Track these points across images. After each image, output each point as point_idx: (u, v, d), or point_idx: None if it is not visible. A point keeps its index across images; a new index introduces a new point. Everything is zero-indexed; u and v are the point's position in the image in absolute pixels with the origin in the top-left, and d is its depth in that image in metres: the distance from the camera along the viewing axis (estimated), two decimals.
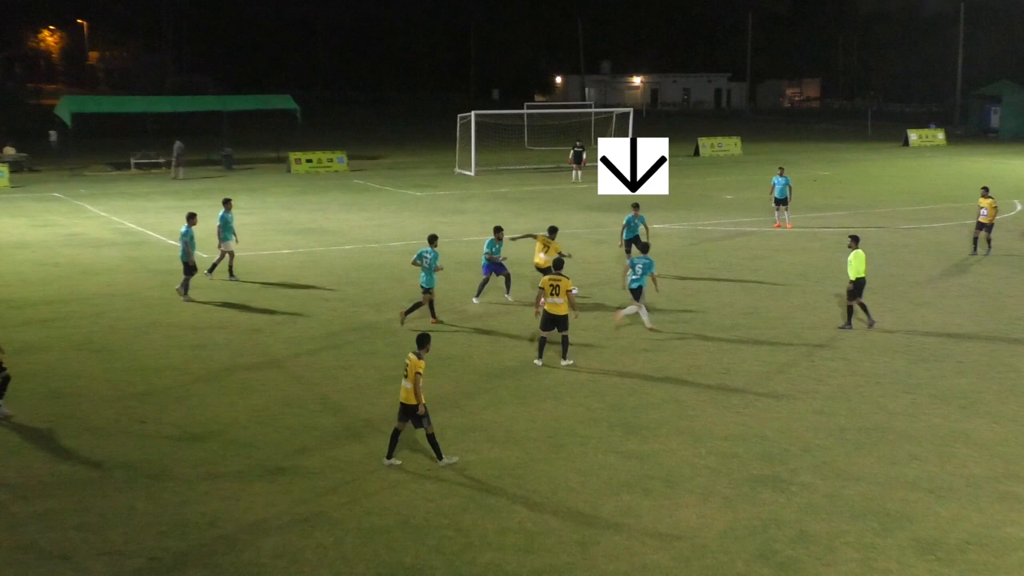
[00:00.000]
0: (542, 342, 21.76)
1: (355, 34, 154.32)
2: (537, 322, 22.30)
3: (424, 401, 16.18)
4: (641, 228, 30.16)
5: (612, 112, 66.78)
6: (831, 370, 21.50)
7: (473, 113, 58.12)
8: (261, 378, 21.06)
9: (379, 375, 21.17)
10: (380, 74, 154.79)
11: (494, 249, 26.42)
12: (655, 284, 24.76)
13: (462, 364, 21.88)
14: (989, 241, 33.50)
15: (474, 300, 27.02)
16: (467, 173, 57.42)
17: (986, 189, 33.98)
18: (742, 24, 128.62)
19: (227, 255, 29.72)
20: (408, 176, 57.55)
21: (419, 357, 16.16)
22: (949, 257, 33.30)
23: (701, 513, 14.84)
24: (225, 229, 29.30)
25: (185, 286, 27.61)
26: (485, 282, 27.07)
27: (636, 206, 30.48)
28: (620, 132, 63.22)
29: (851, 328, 24.31)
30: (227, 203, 29.92)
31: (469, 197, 48.94)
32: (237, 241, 30.06)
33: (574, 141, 58.02)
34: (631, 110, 64.44)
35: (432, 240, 24.91)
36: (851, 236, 24.64)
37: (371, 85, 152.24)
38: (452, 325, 24.99)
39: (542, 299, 21.67)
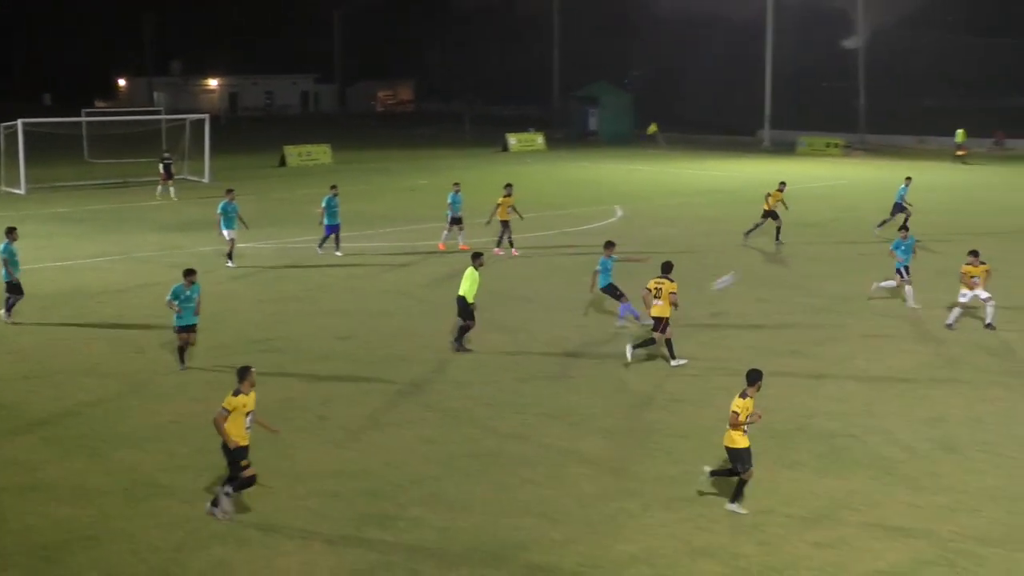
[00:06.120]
0: None
1: None
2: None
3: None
4: None
5: (185, 119, 65.64)
6: (439, 394, 22.19)
7: (20, 122, 55.62)
8: None
9: None
10: None
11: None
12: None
13: (15, 413, 20.82)
14: (778, 231, 38.81)
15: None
16: (16, 191, 54.70)
17: (784, 184, 40.04)
18: (329, 21, 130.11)
19: None
20: None
21: (743, 396, 16.39)
22: (555, 267, 35.17)
23: (303, 560, 14.92)
24: (11, 262, 27.51)
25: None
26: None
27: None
28: (196, 141, 62.36)
29: (464, 349, 25.23)
30: (11, 232, 27.77)
31: (20, 220, 46.51)
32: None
33: (162, 152, 56.72)
34: (207, 116, 63.61)
35: (188, 273, 23.61)
36: (473, 253, 25.78)
37: None
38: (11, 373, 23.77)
39: None
